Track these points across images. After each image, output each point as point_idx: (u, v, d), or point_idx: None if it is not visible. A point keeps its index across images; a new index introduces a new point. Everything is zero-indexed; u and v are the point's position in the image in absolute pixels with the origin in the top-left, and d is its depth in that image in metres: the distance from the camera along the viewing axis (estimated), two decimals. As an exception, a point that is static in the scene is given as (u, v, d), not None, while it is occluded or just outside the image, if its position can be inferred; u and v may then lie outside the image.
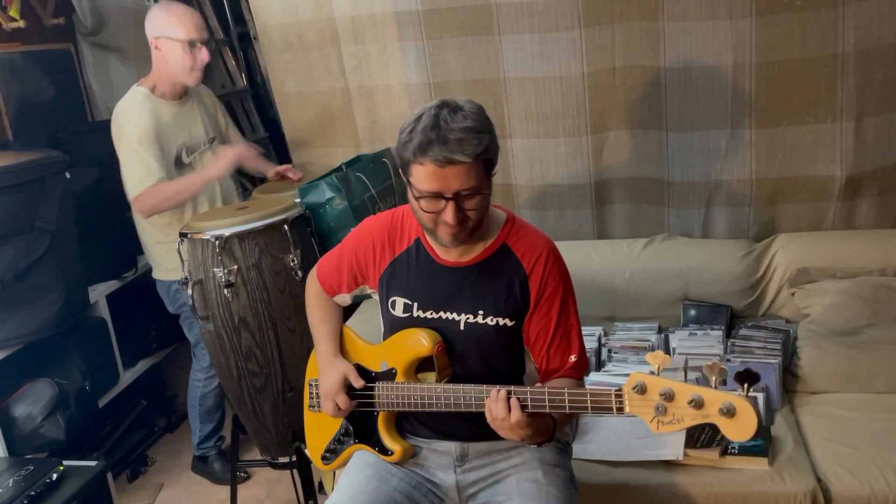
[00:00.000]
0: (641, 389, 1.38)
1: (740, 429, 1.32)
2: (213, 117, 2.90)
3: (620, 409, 1.42)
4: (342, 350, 1.82)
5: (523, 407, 1.48)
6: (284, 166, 2.95)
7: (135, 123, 2.57)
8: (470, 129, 1.50)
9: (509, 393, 1.50)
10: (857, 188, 2.60)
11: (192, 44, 2.61)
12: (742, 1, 2.43)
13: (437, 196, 1.53)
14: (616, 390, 1.42)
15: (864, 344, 2.33)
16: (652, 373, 1.40)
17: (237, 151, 2.65)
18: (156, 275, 2.83)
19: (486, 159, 1.53)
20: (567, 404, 1.46)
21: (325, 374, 1.78)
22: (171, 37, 2.60)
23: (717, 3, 2.45)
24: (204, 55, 2.65)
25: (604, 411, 1.44)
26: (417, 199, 1.55)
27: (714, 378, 1.35)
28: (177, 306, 2.85)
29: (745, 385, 1.33)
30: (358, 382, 1.74)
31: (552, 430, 1.56)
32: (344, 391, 1.74)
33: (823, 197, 2.62)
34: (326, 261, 1.88)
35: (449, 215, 1.53)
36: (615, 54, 2.61)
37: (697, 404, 1.34)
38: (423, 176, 1.52)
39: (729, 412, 1.31)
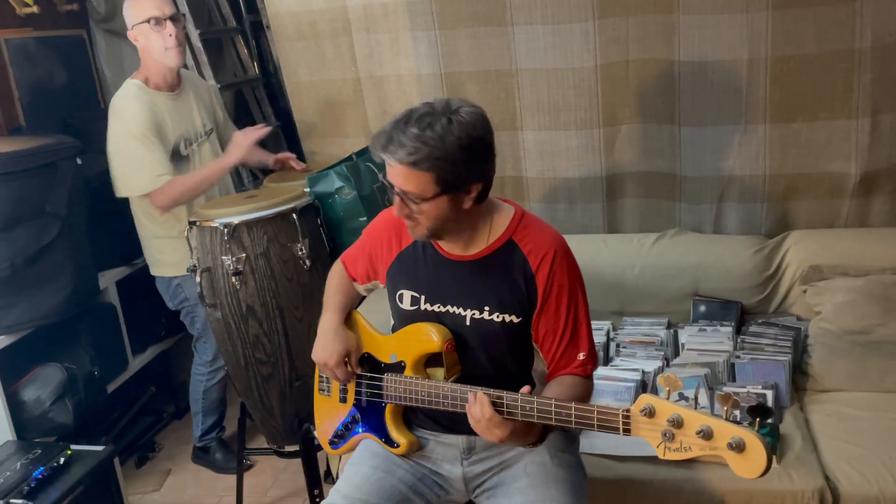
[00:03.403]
0: (650, 413, 1.33)
1: (748, 465, 1.26)
2: (209, 109, 2.87)
3: (627, 431, 1.37)
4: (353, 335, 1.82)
5: (527, 417, 1.46)
6: (284, 154, 2.93)
7: (133, 115, 2.55)
8: (416, 136, 1.46)
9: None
10: (871, 186, 2.57)
11: (156, 21, 2.56)
12: (758, -6, 2.40)
13: (392, 187, 1.56)
14: (624, 411, 1.37)
15: (876, 343, 2.31)
16: (662, 393, 1.35)
17: (251, 137, 2.62)
18: (154, 272, 2.81)
19: (425, 170, 1.49)
20: (574, 419, 1.42)
21: (328, 342, 1.77)
22: (138, 21, 2.57)
23: (732, -4, 2.43)
24: (170, 29, 2.57)
25: (610, 431, 1.39)
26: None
27: (726, 408, 1.30)
28: (177, 302, 2.84)
29: (758, 420, 1.29)
30: (356, 368, 1.77)
31: (541, 431, 1.52)
32: (344, 366, 1.76)
33: (837, 194, 2.60)
34: (351, 249, 1.90)
35: (394, 208, 1.59)
36: (629, 47, 2.59)
37: (706, 435, 1.28)
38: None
39: (738, 447, 1.25)
